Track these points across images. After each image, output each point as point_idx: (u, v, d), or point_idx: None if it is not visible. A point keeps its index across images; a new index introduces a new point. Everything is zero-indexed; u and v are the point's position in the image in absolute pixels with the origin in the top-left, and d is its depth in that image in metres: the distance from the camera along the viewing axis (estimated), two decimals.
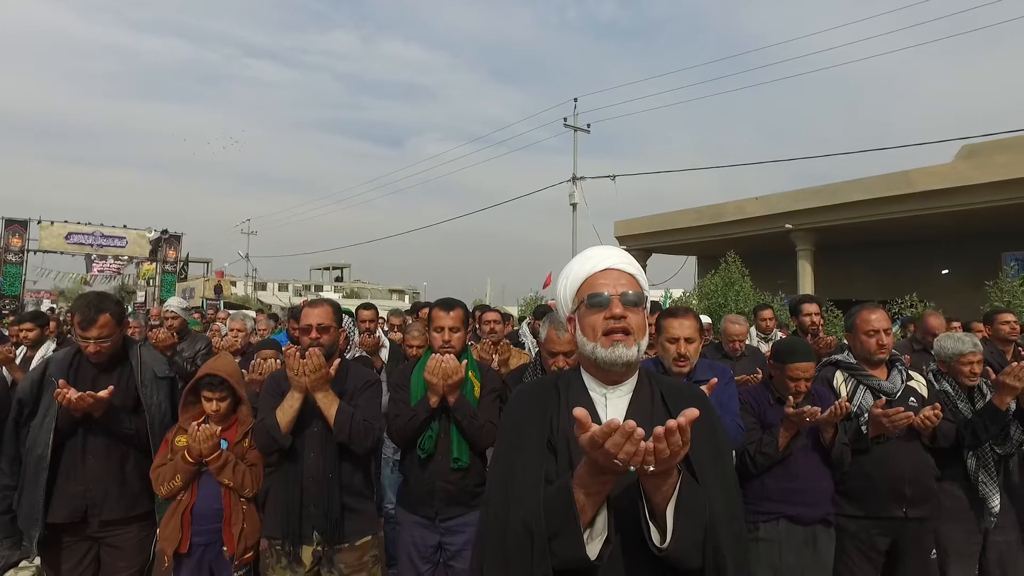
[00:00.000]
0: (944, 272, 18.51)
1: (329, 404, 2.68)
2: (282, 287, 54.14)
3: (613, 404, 1.44)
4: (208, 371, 2.92)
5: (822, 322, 5.09)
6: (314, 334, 2.80)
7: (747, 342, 4.94)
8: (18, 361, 4.58)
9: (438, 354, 2.83)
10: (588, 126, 22.02)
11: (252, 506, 2.87)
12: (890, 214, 15.96)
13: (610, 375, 1.44)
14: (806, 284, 18.16)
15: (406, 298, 54.20)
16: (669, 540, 1.19)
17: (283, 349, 3.46)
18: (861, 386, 3.10)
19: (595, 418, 1.29)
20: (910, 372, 3.21)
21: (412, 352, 4.13)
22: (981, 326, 5.34)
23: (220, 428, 2.84)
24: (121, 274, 27.64)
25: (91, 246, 25.64)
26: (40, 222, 24.61)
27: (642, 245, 22.38)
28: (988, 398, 3.22)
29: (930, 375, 3.42)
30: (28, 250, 24.36)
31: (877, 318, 3.10)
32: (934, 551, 3.05)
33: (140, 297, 26.05)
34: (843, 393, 3.09)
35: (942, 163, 15.51)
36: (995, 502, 3.17)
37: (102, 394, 2.68)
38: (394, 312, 7.28)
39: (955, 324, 5.82)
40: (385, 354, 4.70)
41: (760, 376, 3.84)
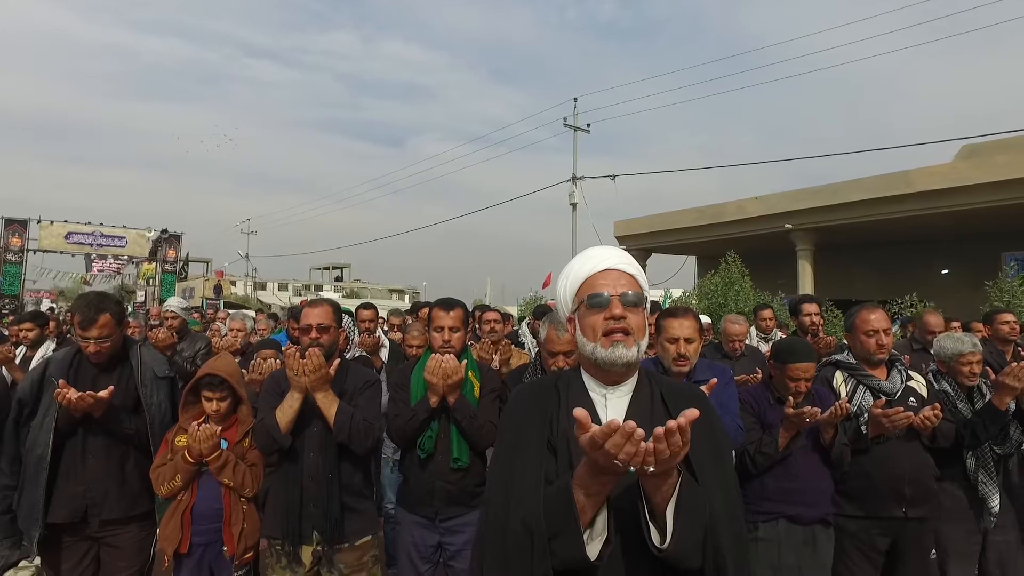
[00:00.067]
0: (944, 272, 18.51)
1: (329, 404, 2.68)
2: (282, 287, 54.11)
3: (613, 404, 1.44)
4: (208, 371, 2.92)
5: (822, 322, 5.10)
6: (314, 334, 2.80)
7: (747, 342, 4.94)
8: (18, 361, 4.59)
9: (438, 354, 2.84)
10: (588, 126, 22.01)
11: (252, 506, 2.87)
12: (890, 214, 15.95)
13: (610, 375, 1.44)
14: (806, 284, 18.16)
15: (406, 298, 54.18)
16: (669, 540, 1.19)
17: (283, 349, 3.46)
18: (861, 386, 3.10)
19: (595, 418, 1.29)
20: (910, 372, 3.22)
21: (412, 352, 4.13)
22: (981, 326, 5.34)
23: (220, 428, 2.84)
24: (121, 274, 27.67)
25: (91, 246, 25.64)
26: (40, 222, 24.61)
27: (642, 245, 22.37)
28: (988, 398, 3.22)
29: (930, 375, 3.42)
30: (28, 250, 24.36)
31: (876, 318, 3.11)
32: (934, 551, 3.05)
33: (140, 297, 26.05)
34: (843, 393, 3.09)
35: (942, 163, 15.50)
36: (995, 502, 3.18)
37: (102, 394, 2.68)
38: (394, 312, 7.27)
39: (955, 324, 5.82)
40: (385, 354, 4.70)
41: (760, 376, 3.84)
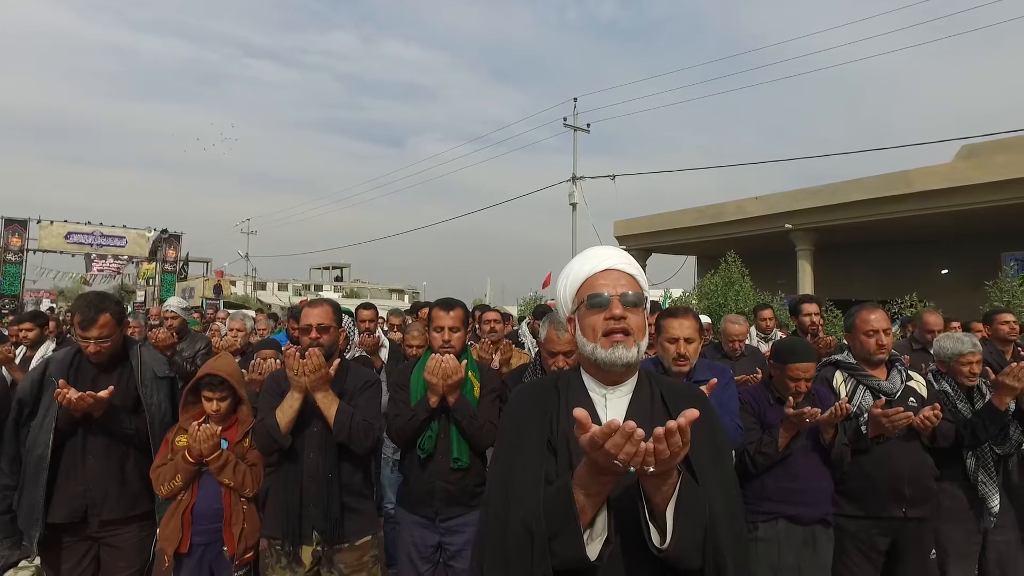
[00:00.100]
0: (944, 272, 18.51)
1: (329, 404, 2.68)
2: (282, 287, 54.12)
3: (613, 404, 1.44)
4: (208, 371, 2.92)
5: (822, 322, 5.10)
6: (314, 334, 2.80)
7: (747, 342, 4.94)
8: (18, 361, 4.58)
9: (438, 354, 2.84)
10: (588, 126, 22.01)
11: (252, 506, 2.87)
12: (890, 214, 15.95)
13: (610, 375, 1.44)
14: (806, 284, 18.16)
15: (406, 298, 54.20)
16: (669, 540, 1.19)
17: (283, 349, 3.46)
18: (861, 386, 3.10)
19: (595, 418, 1.29)
20: (910, 372, 3.22)
21: (412, 352, 4.13)
22: (980, 326, 5.34)
23: (220, 428, 2.84)
24: (121, 274, 27.64)
25: (91, 246, 25.61)
26: (40, 222, 24.58)
27: (642, 245, 22.37)
28: (987, 398, 3.23)
29: (929, 375, 3.42)
30: (28, 250, 24.32)
31: (876, 318, 3.11)
32: (934, 551, 3.05)
33: (140, 297, 26.03)
34: (843, 393, 3.09)
35: (942, 163, 15.50)
36: (994, 502, 3.18)
37: (102, 394, 2.68)
38: (394, 312, 7.27)
39: (954, 324, 5.82)
40: (385, 354, 4.70)
41: (760, 376, 3.84)
